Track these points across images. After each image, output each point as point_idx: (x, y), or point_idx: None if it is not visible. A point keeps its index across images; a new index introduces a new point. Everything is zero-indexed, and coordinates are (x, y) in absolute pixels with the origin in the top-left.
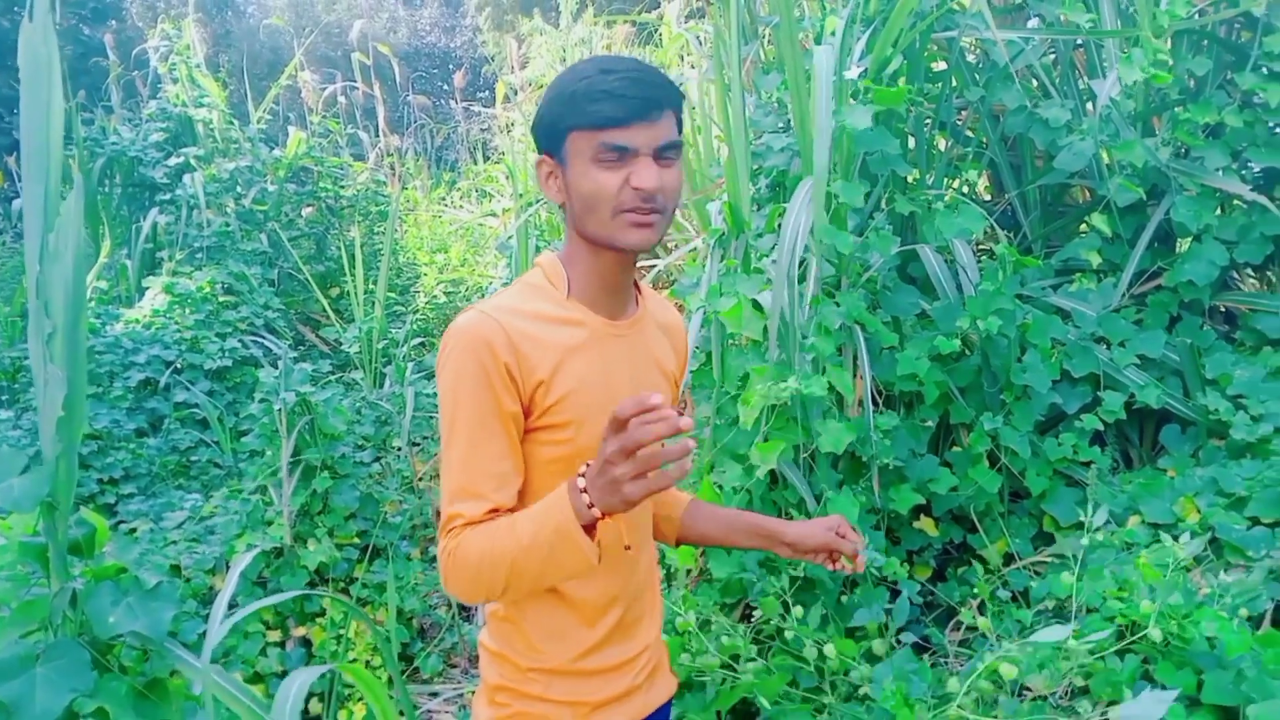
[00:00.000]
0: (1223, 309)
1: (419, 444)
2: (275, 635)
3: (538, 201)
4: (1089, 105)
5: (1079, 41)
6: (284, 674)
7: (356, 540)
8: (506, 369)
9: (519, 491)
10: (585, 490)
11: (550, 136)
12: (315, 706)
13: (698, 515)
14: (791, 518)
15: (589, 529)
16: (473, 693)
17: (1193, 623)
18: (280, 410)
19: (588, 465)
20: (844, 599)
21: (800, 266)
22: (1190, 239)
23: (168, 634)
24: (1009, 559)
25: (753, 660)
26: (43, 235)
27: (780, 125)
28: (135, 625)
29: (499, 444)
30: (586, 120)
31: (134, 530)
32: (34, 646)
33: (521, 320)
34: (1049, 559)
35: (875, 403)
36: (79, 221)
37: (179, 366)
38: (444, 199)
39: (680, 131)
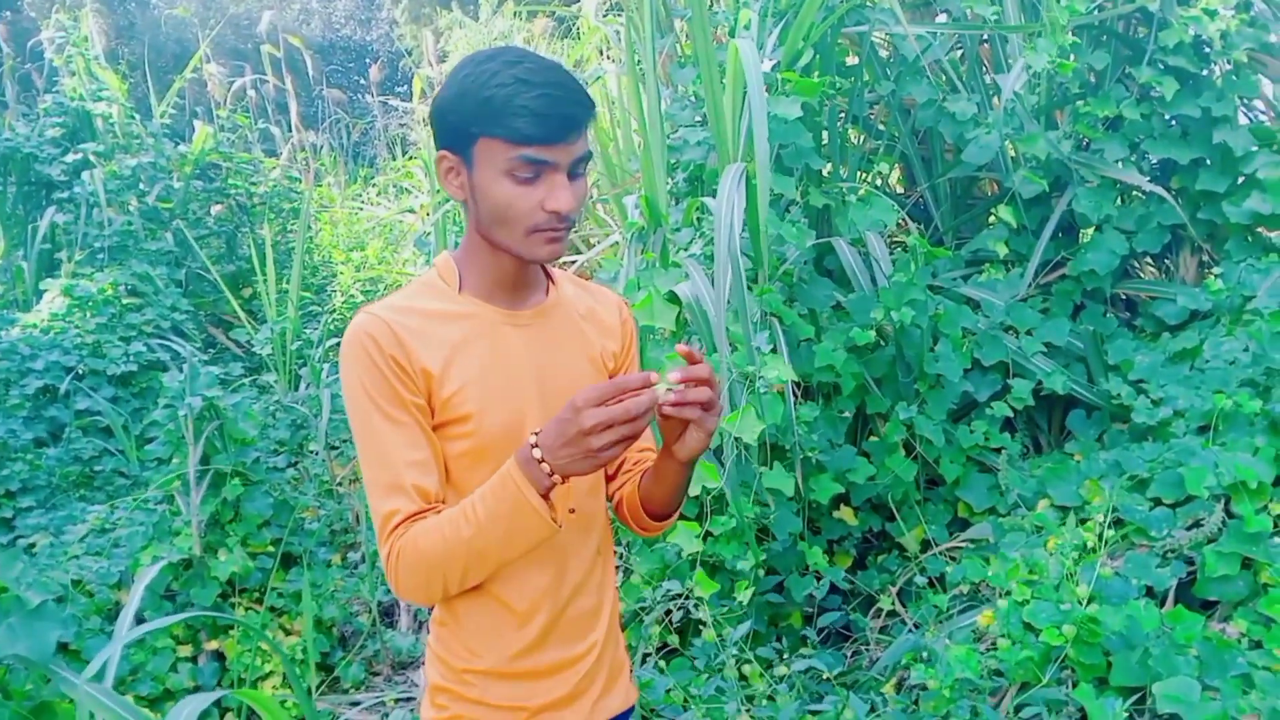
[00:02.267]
0: (1124, 296)
1: (337, 447)
2: (187, 650)
3: None
4: (995, 99)
5: (985, 36)
6: (198, 689)
7: (271, 549)
8: (395, 360)
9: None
10: (543, 460)
11: (456, 135)
12: None
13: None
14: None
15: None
16: (395, 700)
17: (1102, 609)
18: (186, 416)
19: (536, 435)
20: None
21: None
22: (1092, 229)
23: (60, 654)
24: (926, 545)
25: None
26: None
27: (697, 119)
28: (16, 648)
29: (409, 432)
30: (504, 133)
31: (33, 545)
32: None
33: (407, 317)
34: (964, 544)
35: (794, 394)
36: None
37: (80, 372)
38: (360, 196)
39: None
